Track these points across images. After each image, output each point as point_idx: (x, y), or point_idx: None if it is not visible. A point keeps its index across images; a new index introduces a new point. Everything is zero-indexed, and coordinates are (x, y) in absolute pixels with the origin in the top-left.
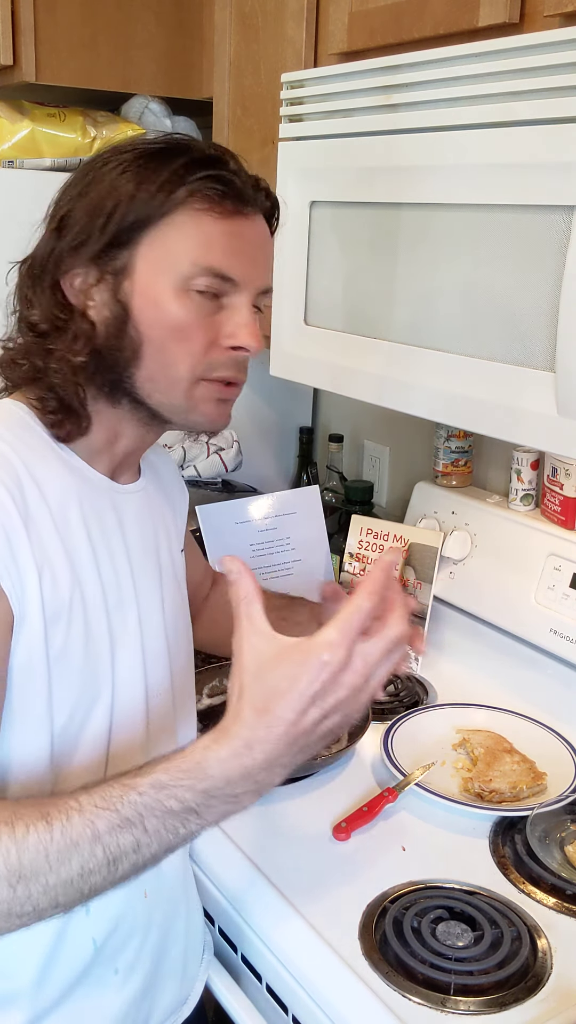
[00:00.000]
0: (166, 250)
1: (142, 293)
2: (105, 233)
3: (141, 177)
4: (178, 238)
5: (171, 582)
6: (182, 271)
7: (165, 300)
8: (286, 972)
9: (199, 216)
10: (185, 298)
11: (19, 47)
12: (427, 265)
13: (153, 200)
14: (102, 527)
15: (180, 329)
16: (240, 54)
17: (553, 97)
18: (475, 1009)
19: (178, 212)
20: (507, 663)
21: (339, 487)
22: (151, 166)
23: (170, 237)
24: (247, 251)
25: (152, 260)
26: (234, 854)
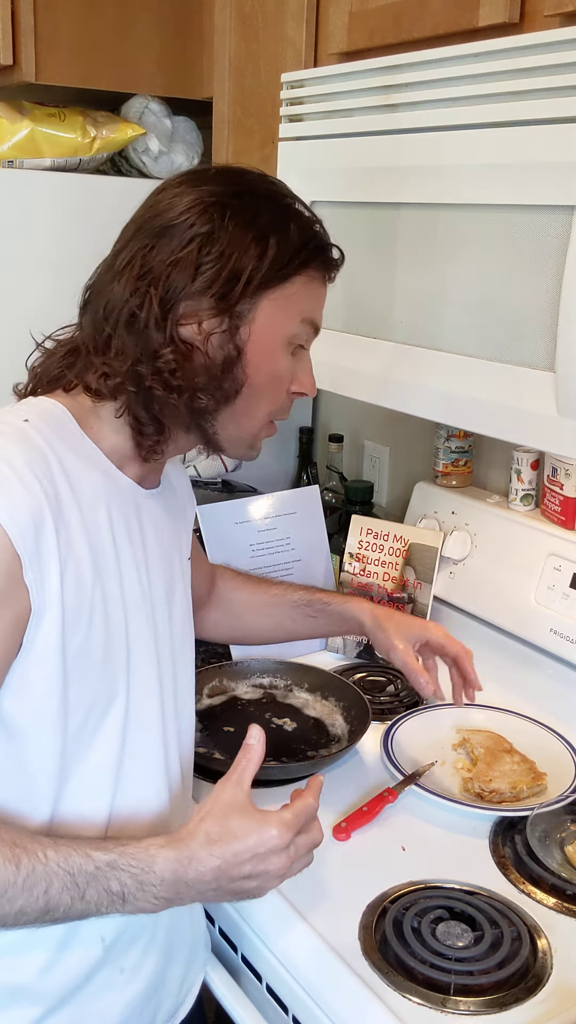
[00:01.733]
0: (285, 308)
1: (257, 341)
2: (245, 285)
3: (277, 235)
4: (297, 299)
5: (181, 586)
6: (293, 328)
7: (276, 351)
8: (286, 972)
9: (313, 281)
10: (287, 349)
11: (19, 47)
12: (427, 265)
13: (287, 267)
14: (127, 529)
15: (279, 378)
16: (240, 54)
17: (553, 97)
18: (475, 1009)
19: (300, 273)
20: (507, 663)
21: (339, 487)
22: (284, 223)
23: (290, 296)
24: (322, 309)
25: (272, 314)
26: None
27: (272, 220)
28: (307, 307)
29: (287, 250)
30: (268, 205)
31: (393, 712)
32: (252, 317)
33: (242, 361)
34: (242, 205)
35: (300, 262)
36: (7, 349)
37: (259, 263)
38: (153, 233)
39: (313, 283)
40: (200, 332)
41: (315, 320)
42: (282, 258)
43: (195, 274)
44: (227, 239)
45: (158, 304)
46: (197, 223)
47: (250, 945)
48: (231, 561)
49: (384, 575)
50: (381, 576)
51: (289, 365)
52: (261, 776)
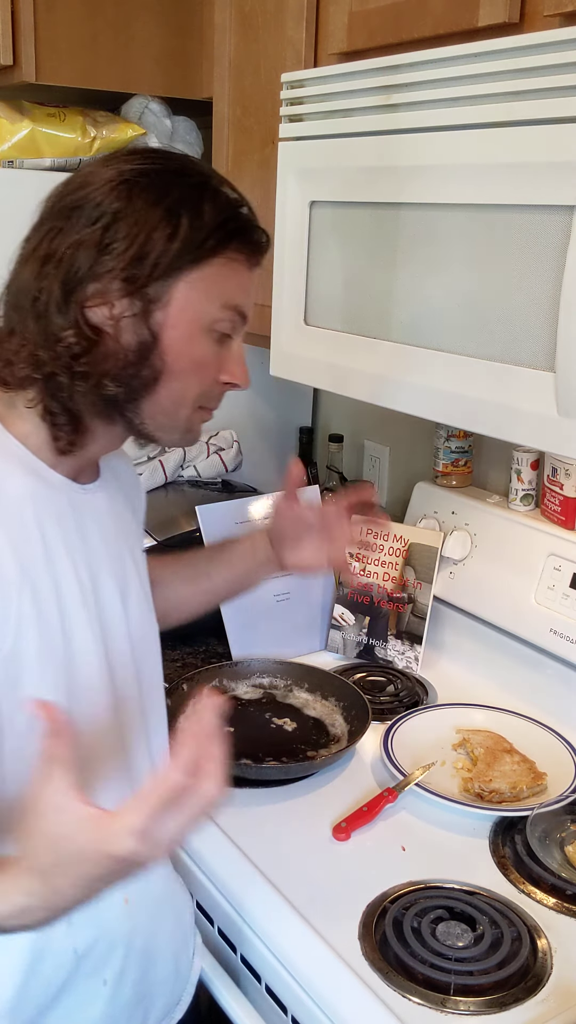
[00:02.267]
0: (203, 291)
1: (174, 326)
2: (153, 266)
3: (191, 218)
4: (215, 281)
5: (136, 581)
6: (213, 313)
7: (195, 337)
8: (286, 972)
9: (235, 264)
10: (209, 337)
11: (19, 47)
12: (427, 265)
13: (203, 246)
14: (61, 528)
15: (202, 364)
16: (240, 54)
17: (553, 97)
18: (475, 1009)
19: (218, 258)
20: (507, 663)
21: (339, 487)
22: (199, 202)
23: (208, 279)
24: (252, 293)
25: (189, 298)
26: (234, 854)
27: (184, 198)
28: (228, 291)
29: (200, 229)
30: (180, 182)
31: (393, 712)
32: (167, 300)
33: (159, 347)
34: (151, 183)
35: (216, 242)
36: None
37: (169, 243)
38: (62, 215)
39: (234, 265)
40: (111, 316)
41: (239, 306)
42: (195, 238)
43: (100, 254)
44: (134, 218)
45: (59, 286)
46: (104, 202)
47: (249, 945)
48: None
49: (384, 575)
50: (381, 576)
51: (213, 352)
52: (261, 776)
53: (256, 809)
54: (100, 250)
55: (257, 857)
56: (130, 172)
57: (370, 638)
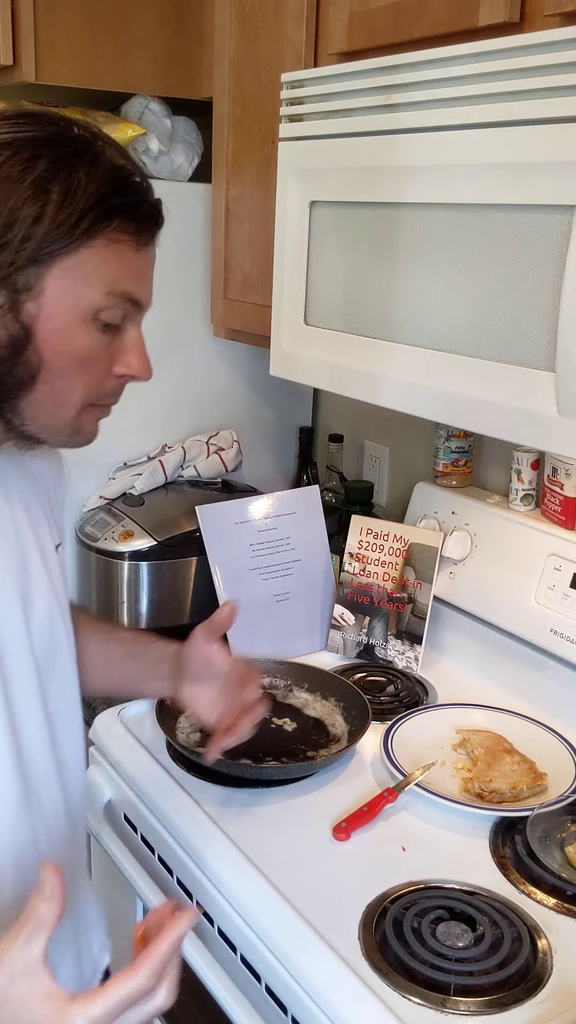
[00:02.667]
0: (82, 278)
1: (49, 318)
2: (16, 251)
3: (62, 193)
4: (96, 266)
5: (42, 583)
6: (96, 301)
7: (75, 329)
8: (285, 972)
9: (119, 247)
10: (93, 327)
11: (19, 47)
12: (427, 265)
13: (77, 226)
14: None
15: (87, 359)
16: (240, 54)
17: (553, 97)
18: (475, 1009)
19: (97, 239)
20: (507, 663)
21: (339, 487)
22: (72, 178)
23: (87, 264)
24: (148, 276)
25: (64, 286)
26: (234, 854)
27: (54, 170)
28: (112, 276)
29: (73, 207)
30: (51, 152)
31: (393, 712)
32: (39, 289)
33: (33, 342)
34: (15, 154)
35: (92, 221)
36: None
37: (35, 225)
38: None
39: (118, 247)
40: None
41: (129, 292)
42: (66, 218)
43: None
44: (10, 195)
45: None
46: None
47: (249, 945)
48: (230, 560)
49: (384, 575)
50: (381, 576)
51: (100, 344)
52: (261, 776)
53: (256, 809)
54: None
55: (257, 857)
56: (5, 138)
57: (370, 638)
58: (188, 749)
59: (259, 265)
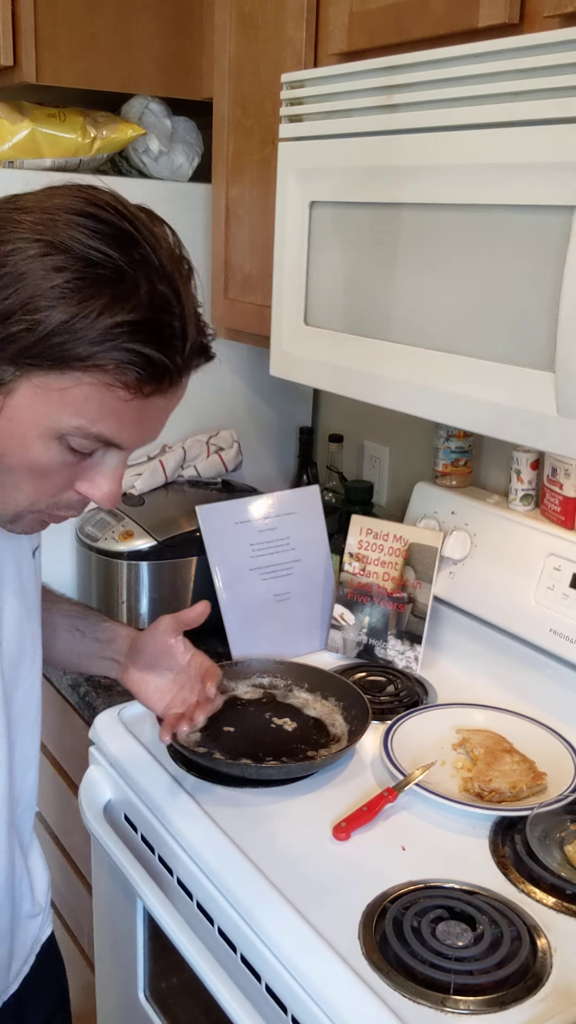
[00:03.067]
0: (55, 401)
1: (10, 421)
2: (5, 347)
3: (72, 311)
4: (74, 398)
5: (13, 593)
6: (61, 427)
7: (31, 441)
8: (285, 972)
9: (108, 390)
10: (53, 446)
11: (19, 47)
12: (427, 265)
13: (73, 348)
14: None
15: (38, 471)
16: (240, 54)
17: (553, 97)
18: (475, 1009)
19: (89, 373)
20: (507, 663)
21: (339, 487)
22: (89, 302)
23: (67, 391)
24: (146, 424)
25: (34, 398)
26: (234, 854)
27: (74, 288)
28: (90, 415)
29: (74, 335)
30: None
31: (393, 712)
32: (10, 388)
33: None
34: (49, 253)
35: (89, 356)
36: None
37: (29, 332)
38: None
39: (107, 390)
40: None
41: (103, 435)
42: (63, 341)
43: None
44: (21, 289)
45: None
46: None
47: (249, 945)
48: (230, 560)
49: (384, 575)
50: (381, 576)
51: (60, 461)
52: (261, 776)
53: (256, 809)
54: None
55: (257, 857)
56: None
57: (370, 638)
58: (188, 749)
59: (259, 265)
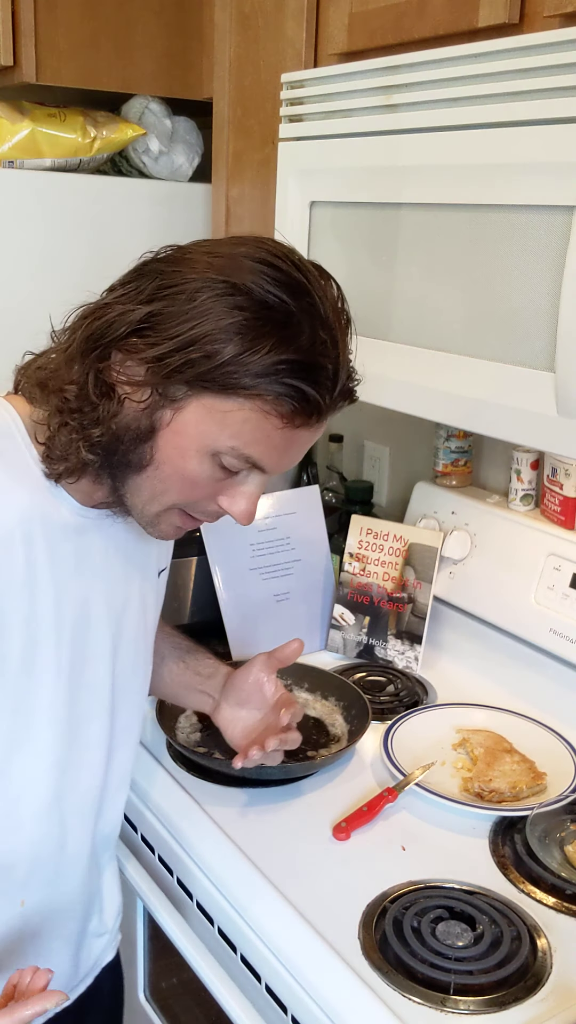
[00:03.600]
0: (218, 421)
1: (175, 433)
2: (183, 368)
3: (244, 345)
4: (234, 421)
5: (134, 622)
6: (217, 446)
7: (190, 455)
8: (285, 972)
9: (265, 418)
10: (209, 460)
11: (19, 47)
12: (427, 265)
13: (241, 378)
14: (50, 549)
15: (190, 481)
16: (240, 54)
17: (553, 97)
18: (475, 1009)
19: (252, 400)
20: (507, 663)
21: (339, 487)
22: (260, 340)
23: (229, 414)
24: (290, 453)
25: (200, 418)
26: (234, 854)
27: (249, 327)
28: (245, 437)
29: (244, 367)
30: (257, 312)
31: (393, 712)
32: (180, 406)
33: (153, 441)
34: (231, 294)
35: (253, 387)
36: (7, 348)
37: (207, 360)
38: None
39: (264, 418)
40: (128, 389)
41: (253, 457)
42: (233, 371)
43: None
44: (203, 321)
45: (85, 336)
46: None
47: (249, 945)
48: (230, 560)
49: (384, 575)
50: (381, 576)
51: (211, 475)
52: (261, 776)
53: (256, 809)
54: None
55: (257, 857)
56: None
57: (370, 638)
58: (188, 749)
59: None
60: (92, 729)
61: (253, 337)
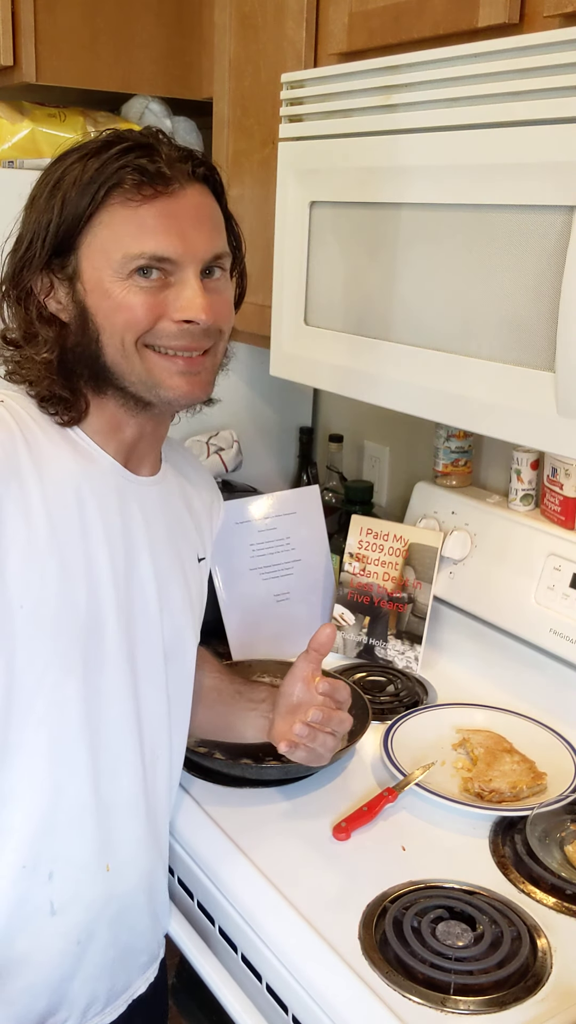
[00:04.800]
0: (101, 248)
1: (92, 290)
2: (46, 245)
3: (70, 182)
4: (107, 235)
5: (178, 589)
6: (116, 263)
7: (111, 290)
8: (286, 972)
9: (119, 209)
10: (129, 283)
11: (19, 47)
12: (427, 265)
13: (79, 204)
14: (102, 508)
15: (125, 307)
16: (240, 54)
17: (553, 97)
18: (475, 1009)
19: (103, 210)
20: (507, 663)
21: (339, 487)
22: (77, 169)
23: (100, 235)
24: (178, 227)
25: (91, 259)
26: (234, 854)
27: (68, 169)
28: (124, 238)
29: (79, 195)
30: (86, 154)
31: (393, 712)
32: (79, 270)
33: (87, 313)
34: (52, 171)
35: (96, 193)
36: None
37: (61, 213)
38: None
39: (122, 209)
40: (50, 302)
41: (142, 250)
42: (77, 198)
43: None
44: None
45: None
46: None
47: (250, 945)
48: (230, 560)
49: (384, 575)
50: (381, 576)
51: (139, 296)
52: (261, 776)
53: (256, 809)
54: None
55: (257, 857)
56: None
57: (370, 638)
58: (188, 749)
59: (259, 265)
60: (151, 704)
61: (76, 171)
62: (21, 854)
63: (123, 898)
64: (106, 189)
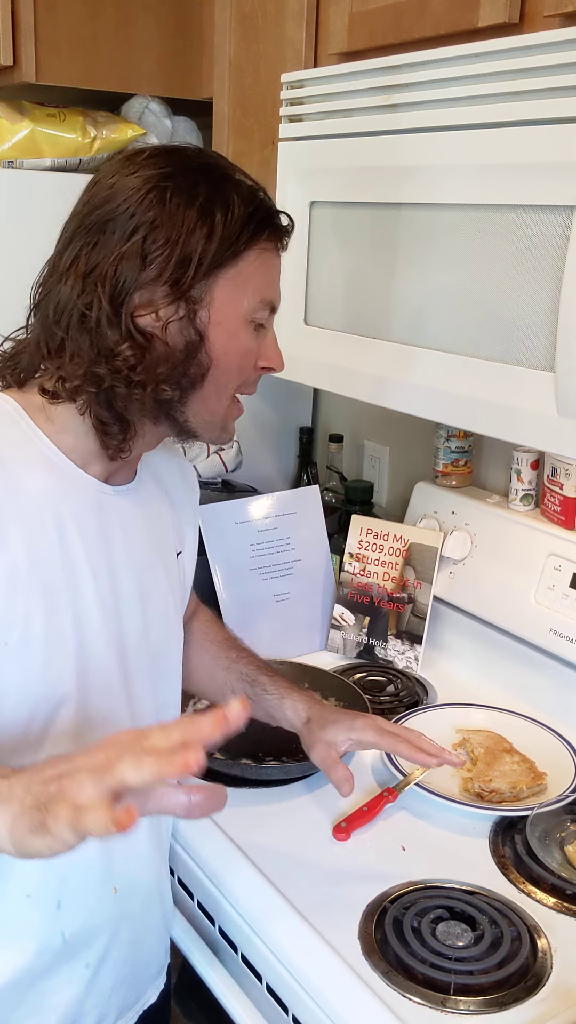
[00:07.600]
0: (241, 286)
1: (218, 323)
2: (196, 269)
3: (223, 214)
4: (250, 275)
5: (162, 586)
6: (251, 304)
7: (239, 331)
8: (286, 972)
9: (264, 253)
10: (249, 327)
11: (19, 47)
12: (427, 265)
13: (236, 242)
14: (80, 529)
15: (244, 354)
16: (240, 54)
17: (553, 97)
18: (475, 1009)
19: (251, 251)
20: (507, 663)
21: (339, 487)
22: (227, 201)
23: (244, 273)
24: (279, 281)
25: (228, 294)
26: (234, 854)
27: (213, 195)
28: (262, 284)
29: (234, 225)
30: (206, 180)
31: (393, 712)
32: (209, 299)
33: (205, 344)
34: (179, 185)
35: (250, 235)
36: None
37: (208, 243)
38: (94, 228)
39: (266, 256)
40: (158, 320)
41: (270, 298)
42: (230, 234)
43: (143, 264)
44: (171, 223)
45: (108, 301)
46: (138, 212)
47: (250, 945)
48: (231, 560)
49: (384, 575)
50: (381, 576)
51: (253, 341)
52: (261, 776)
53: (256, 809)
54: (143, 260)
55: (257, 857)
56: (157, 177)
57: (370, 638)
58: None
59: None
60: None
61: (221, 201)
62: (25, 884)
63: (133, 917)
64: (260, 233)
